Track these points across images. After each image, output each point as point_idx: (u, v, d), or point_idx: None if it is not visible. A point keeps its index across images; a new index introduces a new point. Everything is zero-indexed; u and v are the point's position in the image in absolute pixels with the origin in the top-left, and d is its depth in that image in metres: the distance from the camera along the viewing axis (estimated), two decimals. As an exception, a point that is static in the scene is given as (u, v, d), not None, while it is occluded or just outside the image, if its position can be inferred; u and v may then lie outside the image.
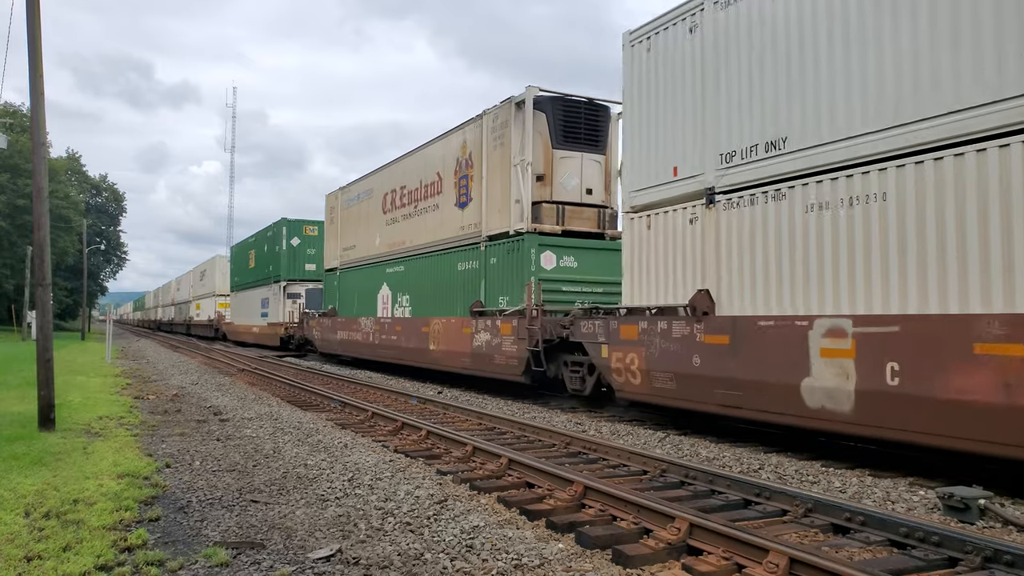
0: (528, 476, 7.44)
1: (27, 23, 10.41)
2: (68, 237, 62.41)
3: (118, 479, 7.13)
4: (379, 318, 22.03)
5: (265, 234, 38.68)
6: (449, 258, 18.03)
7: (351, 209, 25.71)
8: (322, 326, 27.19)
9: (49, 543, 5.15)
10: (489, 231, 16.32)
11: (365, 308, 23.46)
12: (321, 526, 5.86)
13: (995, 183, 6.94)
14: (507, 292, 15.51)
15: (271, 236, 37.03)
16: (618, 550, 5.16)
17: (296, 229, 35.60)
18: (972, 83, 7.12)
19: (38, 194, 10.61)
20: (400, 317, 20.70)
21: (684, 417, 11.29)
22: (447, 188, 18.40)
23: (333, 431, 10.69)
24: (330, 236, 27.72)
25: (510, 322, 14.68)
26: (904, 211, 7.69)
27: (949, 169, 7.31)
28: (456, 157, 17.92)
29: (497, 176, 16.09)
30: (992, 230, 6.98)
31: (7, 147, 40.27)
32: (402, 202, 21.26)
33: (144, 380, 19.26)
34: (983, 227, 7.06)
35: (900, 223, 7.73)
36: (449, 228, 18.18)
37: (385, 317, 21.69)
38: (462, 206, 17.61)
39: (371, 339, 22.40)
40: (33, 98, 10.55)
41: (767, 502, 6.49)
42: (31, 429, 9.95)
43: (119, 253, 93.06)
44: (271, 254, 36.61)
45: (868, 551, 5.31)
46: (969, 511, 6.18)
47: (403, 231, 21.06)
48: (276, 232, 36.23)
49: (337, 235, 26.83)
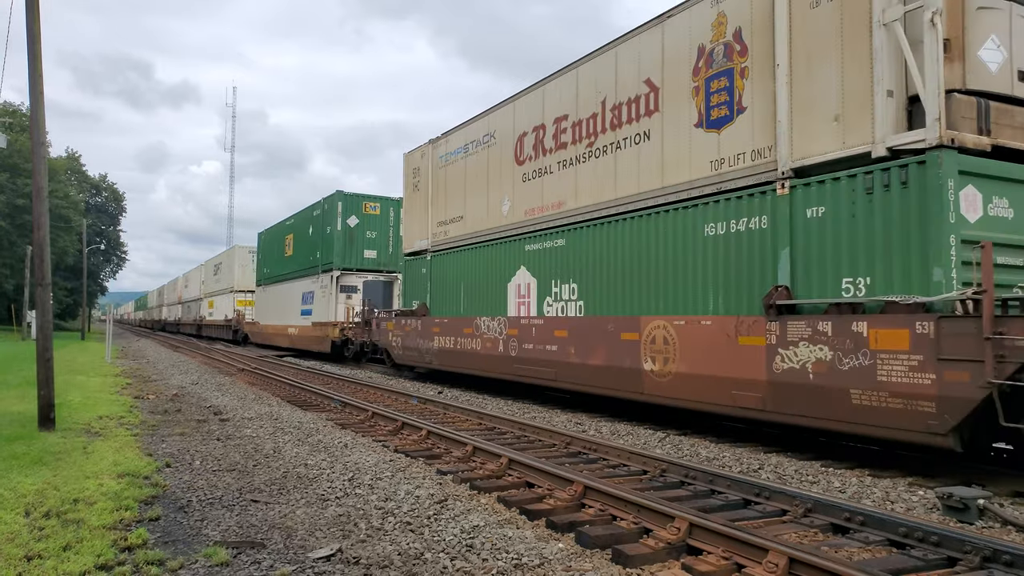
0: (528, 476, 7.45)
1: (27, 23, 10.41)
2: (68, 237, 62.38)
3: (118, 478, 7.14)
4: (516, 318, 15.19)
5: (310, 213, 31.30)
6: (682, 218, 11.03)
7: (451, 167, 18.42)
8: (405, 330, 20.18)
9: (49, 542, 5.16)
10: (803, 157, 9.17)
11: (481, 304, 16.69)
12: (321, 526, 5.86)
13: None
14: (864, 269, 8.43)
15: (320, 215, 29.72)
16: (618, 550, 5.17)
17: (353, 206, 28.41)
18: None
19: (38, 194, 10.62)
20: (561, 317, 13.84)
21: None
22: (675, 100, 11.35)
23: (333, 431, 10.70)
24: (414, 209, 20.63)
25: (908, 326, 7.69)
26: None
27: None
28: (699, 45, 10.89)
29: (831, 53, 8.90)
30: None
31: (7, 147, 40.27)
32: (558, 142, 14.23)
33: (144, 380, 19.26)
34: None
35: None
36: (681, 167, 11.16)
37: (527, 317, 14.88)
38: (716, 124, 10.61)
39: (500, 349, 15.56)
40: (32, 97, 10.56)
41: (767, 502, 6.49)
42: (31, 428, 9.96)
43: (119, 253, 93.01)
44: (319, 237, 29.58)
45: (867, 551, 5.32)
46: (968, 511, 6.19)
47: (561, 186, 14.03)
48: (328, 210, 28.87)
49: (426, 206, 19.67)
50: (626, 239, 12.18)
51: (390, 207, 28.86)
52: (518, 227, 15.41)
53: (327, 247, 28.64)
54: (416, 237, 20.27)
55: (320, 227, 29.48)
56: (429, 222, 19.43)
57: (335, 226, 28.11)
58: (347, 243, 28.16)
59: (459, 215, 17.89)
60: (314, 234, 30.30)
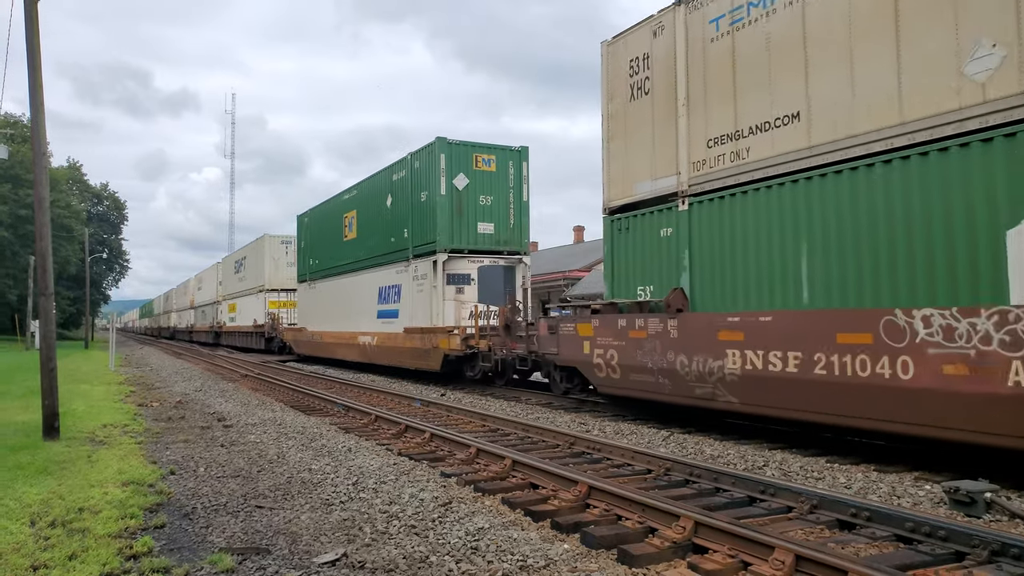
0: (532, 477, 7.44)
1: (26, 34, 10.43)
2: (70, 246, 62.52)
3: (123, 487, 7.14)
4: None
5: (387, 178, 22.61)
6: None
7: (748, 32, 10.07)
8: (629, 337, 11.66)
9: (55, 552, 5.15)
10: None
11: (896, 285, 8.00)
12: (326, 530, 5.86)
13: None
14: None
15: (406, 179, 21.24)
16: (623, 549, 5.16)
17: (461, 160, 19.73)
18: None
19: (40, 204, 10.63)
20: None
21: None
22: None
23: (337, 435, 10.69)
24: (637, 129, 12.08)
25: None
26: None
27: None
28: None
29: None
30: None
31: (8, 158, 40.39)
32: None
33: (148, 387, 19.27)
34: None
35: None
36: None
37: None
38: None
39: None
40: (33, 108, 10.58)
41: (772, 499, 6.48)
42: (35, 438, 9.96)
43: (121, 261, 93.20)
44: (404, 209, 21.27)
45: (874, 546, 5.30)
46: (975, 505, 6.17)
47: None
48: (422, 168, 20.37)
49: (671, 116, 11.30)
50: None
51: (509, 161, 20.20)
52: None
53: (422, 221, 20.14)
54: (641, 177, 12.00)
55: (406, 194, 21.16)
56: (681, 145, 11.14)
57: (435, 190, 19.39)
58: (454, 214, 19.44)
59: (788, 113, 9.45)
60: (397, 206, 21.85)
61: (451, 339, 18.02)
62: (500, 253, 20.05)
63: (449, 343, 18.00)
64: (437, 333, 18.66)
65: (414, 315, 20.31)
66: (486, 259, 19.83)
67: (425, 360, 19.27)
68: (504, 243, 20.14)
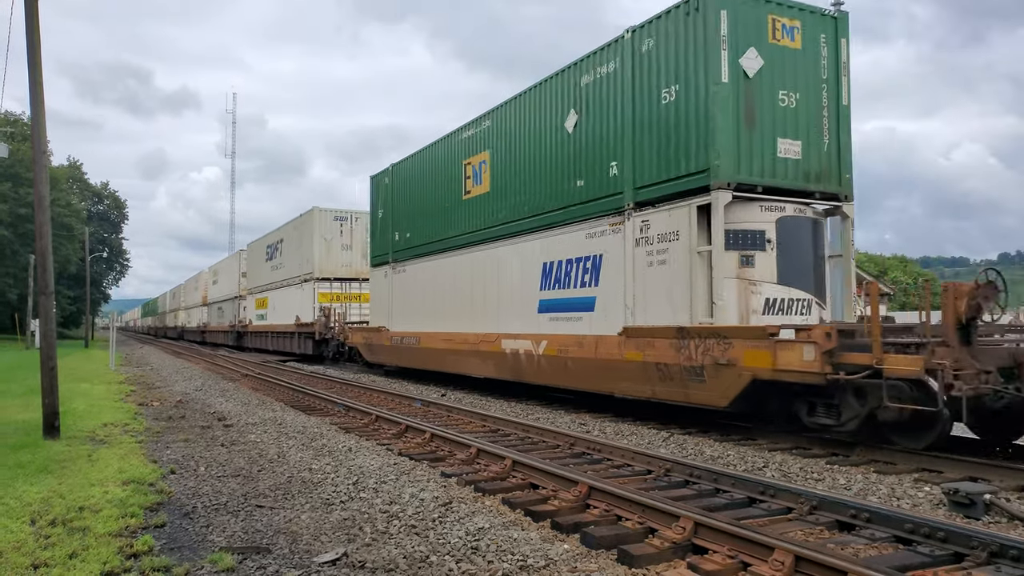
0: (533, 477, 7.44)
1: (26, 32, 10.44)
2: (71, 245, 62.55)
3: (123, 486, 7.15)
4: None
5: (567, 84, 13.90)
6: None
7: None
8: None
9: (55, 551, 5.16)
10: None
11: None
12: (326, 530, 5.86)
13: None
14: None
15: (625, 70, 12.33)
16: (623, 550, 5.17)
17: (749, 25, 10.88)
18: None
19: (40, 203, 10.64)
20: None
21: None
22: None
23: (337, 435, 10.70)
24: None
25: None
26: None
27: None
28: None
29: None
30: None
31: (8, 156, 40.38)
32: None
33: (148, 387, 19.28)
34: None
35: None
36: None
37: None
38: None
39: None
40: (33, 107, 10.58)
41: (772, 500, 6.48)
42: (36, 437, 9.97)
43: (122, 260, 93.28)
44: (615, 126, 12.60)
45: (874, 548, 5.31)
46: (974, 506, 6.18)
47: None
48: (669, 42, 11.44)
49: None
50: None
51: (820, 33, 11.61)
52: None
53: (669, 138, 11.48)
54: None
55: (620, 101, 12.51)
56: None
57: (705, 77, 10.83)
58: (741, 121, 10.82)
59: None
60: (593, 125, 13.26)
61: (780, 351, 9.05)
62: (810, 195, 11.47)
63: (775, 359, 9.09)
64: (731, 338, 9.81)
65: (645, 305, 11.82)
66: (787, 205, 11.16)
67: (684, 387, 10.68)
68: (816, 178, 11.47)
